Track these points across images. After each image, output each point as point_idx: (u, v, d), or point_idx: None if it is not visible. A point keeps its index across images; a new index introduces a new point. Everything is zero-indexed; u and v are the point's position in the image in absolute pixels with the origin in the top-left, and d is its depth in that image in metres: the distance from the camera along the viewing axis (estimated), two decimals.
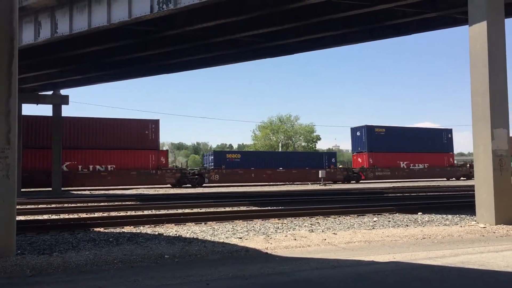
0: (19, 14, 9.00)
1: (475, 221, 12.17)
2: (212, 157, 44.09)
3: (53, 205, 19.76)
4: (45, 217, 15.21)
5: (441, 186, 34.46)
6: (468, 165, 53.79)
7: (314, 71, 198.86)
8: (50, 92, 33.97)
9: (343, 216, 14.19)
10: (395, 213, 14.83)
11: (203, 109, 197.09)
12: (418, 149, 49.62)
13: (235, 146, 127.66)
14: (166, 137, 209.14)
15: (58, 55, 24.16)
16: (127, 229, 11.81)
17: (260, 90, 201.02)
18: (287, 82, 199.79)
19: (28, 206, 19.03)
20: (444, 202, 18.39)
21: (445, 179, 50.87)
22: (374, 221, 12.96)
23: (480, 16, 12.07)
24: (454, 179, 50.90)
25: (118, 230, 11.67)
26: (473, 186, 12.89)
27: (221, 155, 44.86)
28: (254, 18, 19.51)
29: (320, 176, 42.65)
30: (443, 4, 18.44)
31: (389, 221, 12.92)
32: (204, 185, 40.67)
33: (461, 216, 14.00)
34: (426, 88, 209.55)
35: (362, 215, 14.39)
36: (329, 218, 13.88)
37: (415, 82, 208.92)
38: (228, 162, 43.14)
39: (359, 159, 49.56)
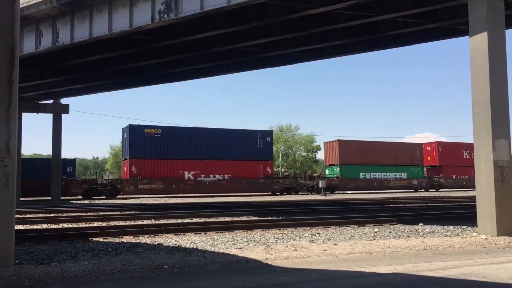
0: (20, 23, 9.01)
1: (476, 232, 12.11)
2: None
3: (52, 215, 19.68)
4: (44, 226, 15.13)
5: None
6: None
7: (316, 80, 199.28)
8: (51, 101, 34.00)
9: (344, 227, 14.11)
10: (396, 224, 14.77)
11: (203, 119, 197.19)
12: (216, 156, 41.24)
13: None
14: None
15: (59, 64, 24.20)
16: (127, 239, 11.74)
17: (260, 99, 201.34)
18: (287, 92, 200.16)
19: (27, 215, 18.94)
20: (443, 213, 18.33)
21: (258, 193, 42.68)
22: (375, 232, 12.89)
23: (480, 27, 12.10)
24: (270, 193, 43.14)
25: (117, 240, 11.60)
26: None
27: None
28: (254, 28, 19.56)
29: None
30: (444, 15, 18.47)
31: (390, 232, 12.85)
32: None
33: (462, 227, 13.94)
34: (426, 98, 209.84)
35: (363, 226, 14.32)
36: (329, 228, 13.80)
37: (416, 92, 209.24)
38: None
39: (124, 168, 41.03)
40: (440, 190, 51.53)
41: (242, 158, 42.19)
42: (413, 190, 50.50)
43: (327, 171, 49.70)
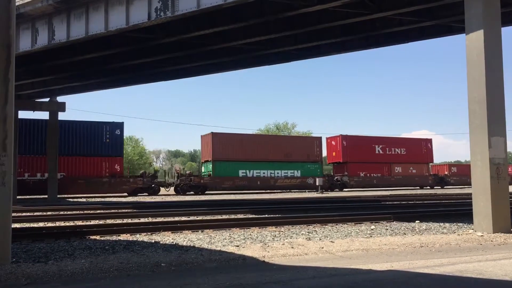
0: (16, 21, 8.98)
1: (472, 229, 12.16)
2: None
3: (49, 213, 19.66)
4: (41, 224, 15.11)
5: None
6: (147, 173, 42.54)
7: (312, 78, 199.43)
8: (47, 99, 33.93)
9: (341, 224, 14.15)
10: (393, 221, 14.81)
11: (200, 117, 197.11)
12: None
13: None
14: (163, 144, 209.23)
15: (55, 62, 24.15)
16: (124, 237, 11.74)
17: (257, 97, 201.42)
18: (284, 90, 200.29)
19: (24, 214, 18.91)
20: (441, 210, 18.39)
21: (103, 194, 38.13)
22: (372, 229, 12.93)
23: (476, 25, 12.12)
24: (117, 194, 38.41)
25: (114, 238, 11.59)
26: None
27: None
28: (251, 26, 19.57)
29: None
30: (440, 13, 18.53)
31: (387, 229, 12.89)
32: None
33: (458, 224, 13.99)
34: (423, 95, 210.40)
35: (360, 223, 14.36)
36: (326, 226, 13.84)
37: (412, 89, 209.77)
38: None
39: None
40: (344, 189, 47.45)
41: (82, 154, 37.20)
42: (306, 191, 45.14)
43: (202, 169, 45.01)
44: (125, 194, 38.47)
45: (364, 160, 49.66)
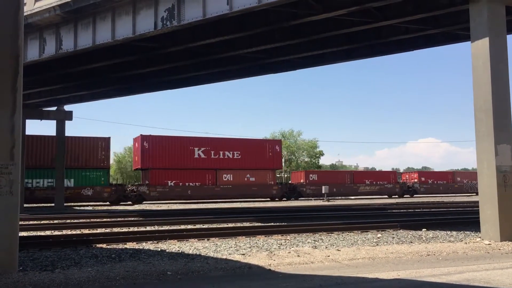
0: (24, 31, 9.09)
1: (480, 237, 12.09)
2: None
3: (55, 221, 19.72)
4: (48, 233, 15.17)
5: None
6: None
7: (318, 86, 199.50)
8: (54, 108, 34.13)
9: (347, 232, 14.11)
10: (399, 230, 14.74)
11: (205, 124, 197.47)
12: None
13: None
14: None
15: (62, 71, 24.32)
16: (130, 245, 11.76)
17: (262, 105, 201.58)
18: (290, 97, 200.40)
19: (31, 222, 18.98)
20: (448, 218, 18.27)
21: None
22: (378, 238, 12.88)
23: (482, 33, 12.13)
24: None
25: (120, 246, 11.62)
26: None
27: None
28: (256, 35, 19.64)
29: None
30: (445, 21, 18.51)
31: (393, 238, 12.84)
32: None
33: (465, 232, 13.91)
34: (430, 103, 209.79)
35: (366, 231, 14.30)
36: (332, 234, 13.80)
37: (419, 97, 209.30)
38: None
39: None
40: (144, 202, 38.85)
41: None
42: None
43: None
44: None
45: (175, 166, 40.00)
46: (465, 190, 56.46)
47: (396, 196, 51.11)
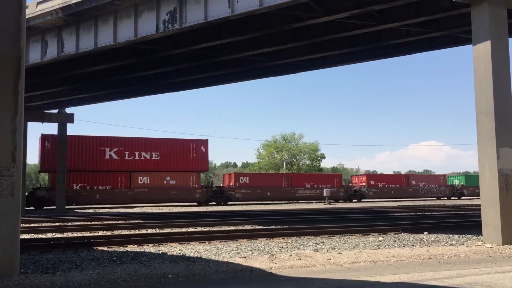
0: (26, 33, 9.10)
1: (481, 241, 12.05)
2: None
3: (56, 224, 19.72)
4: (49, 235, 15.16)
5: None
6: None
7: (320, 89, 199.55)
8: (56, 110, 34.18)
9: (348, 236, 14.08)
10: (401, 233, 14.71)
11: (206, 127, 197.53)
12: None
13: (239, 165, 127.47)
14: None
15: (64, 73, 24.38)
16: (131, 248, 11.75)
17: (264, 108, 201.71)
18: (292, 100, 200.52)
19: (32, 225, 18.99)
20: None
21: None
22: (380, 241, 12.85)
23: (483, 36, 12.12)
24: None
25: (121, 249, 11.60)
26: None
27: None
28: (257, 38, 19.68)
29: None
30: (447, 24, 18.53)
31: (395, 241, 12.81)
32: None
33: (467, 236, 13.87)
34: (432, 106, 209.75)
35: (367, 234, 14.28)
36: (334, 237, 13.77)
37: (421, 100, 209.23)
38: None
39: None
40: (45, 207, 35.85)
41: None
42: None
43: None
44: None
45: (82, 168, 37.25)
46: (421, 194, 52.84)
47: (342, 201, 47.54)
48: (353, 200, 48.76)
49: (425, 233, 14.61)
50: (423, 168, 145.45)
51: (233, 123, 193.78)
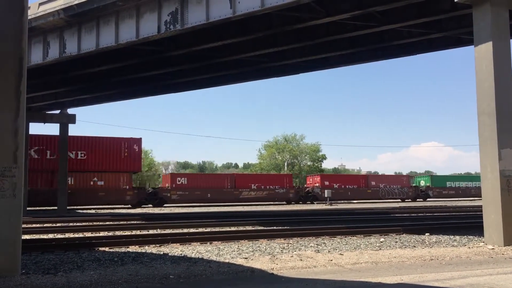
0: (28, 34, 9.12)
1: (483, 242, 12.03)
2: None
3: (58, 224, 19.73)
4: (51, 236, 15.17)
5: None
6: None
7: (321, 90, 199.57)
8: (57, 111, 34.19)
9: (350, 236, 14.07)
10: (402, 234, 14.70)
11: (208, 128, 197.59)
12: None
13: (240, 165, 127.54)
14: (172, 156, 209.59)
15: (66, 74, 24.40)
16: (132, 248, 11.75)
17: (265, 109, 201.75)
18: (293, 101, 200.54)
19: (34, 225, 19.00)
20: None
21: None
22: (381, 242, 12.84)
23: (485, 36, 12.11)
24: None
25: (123, 249, 11.61)
26: None
27: None
28: (259, 38, 19.67)
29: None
30: (448, 25, 18.51)
31: (396, 242, 12.79)
32: None
33: (469, 237, 13.85)
34: (433, 107, 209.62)
35: (369, 236, 14.26)
36: (335, 238, 13.76)
37: (422, 101, 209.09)
38: None
39: None
40: None
41: None
42: None
43: None
44: None
45: None
46: (381, 196, 49.62)
47: (293, 203, 44.69)
48: (307, 202, 45.76)
49: (426, 234, 14.59)
50: (424, 169, 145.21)
51: (234, 124, 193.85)
